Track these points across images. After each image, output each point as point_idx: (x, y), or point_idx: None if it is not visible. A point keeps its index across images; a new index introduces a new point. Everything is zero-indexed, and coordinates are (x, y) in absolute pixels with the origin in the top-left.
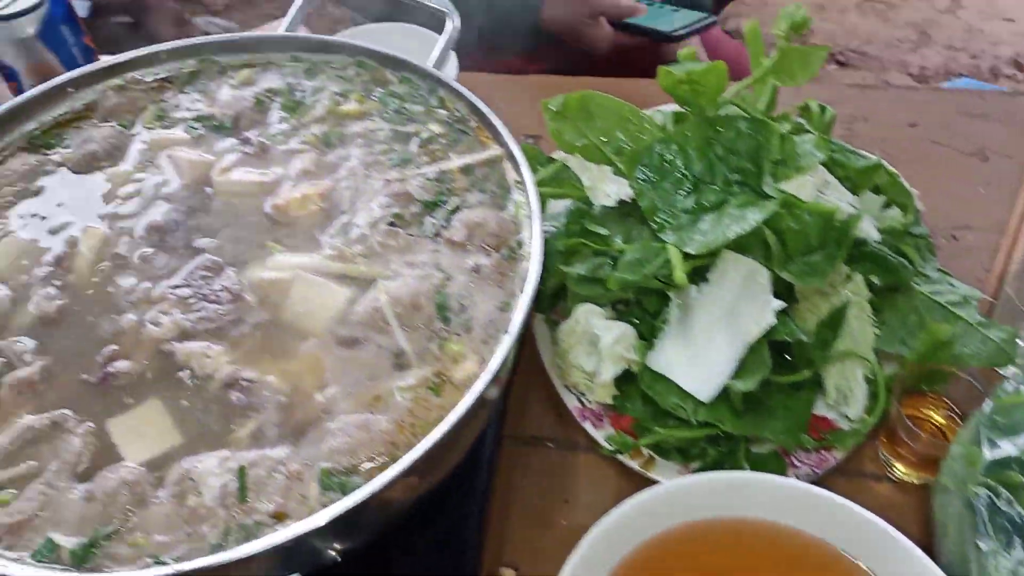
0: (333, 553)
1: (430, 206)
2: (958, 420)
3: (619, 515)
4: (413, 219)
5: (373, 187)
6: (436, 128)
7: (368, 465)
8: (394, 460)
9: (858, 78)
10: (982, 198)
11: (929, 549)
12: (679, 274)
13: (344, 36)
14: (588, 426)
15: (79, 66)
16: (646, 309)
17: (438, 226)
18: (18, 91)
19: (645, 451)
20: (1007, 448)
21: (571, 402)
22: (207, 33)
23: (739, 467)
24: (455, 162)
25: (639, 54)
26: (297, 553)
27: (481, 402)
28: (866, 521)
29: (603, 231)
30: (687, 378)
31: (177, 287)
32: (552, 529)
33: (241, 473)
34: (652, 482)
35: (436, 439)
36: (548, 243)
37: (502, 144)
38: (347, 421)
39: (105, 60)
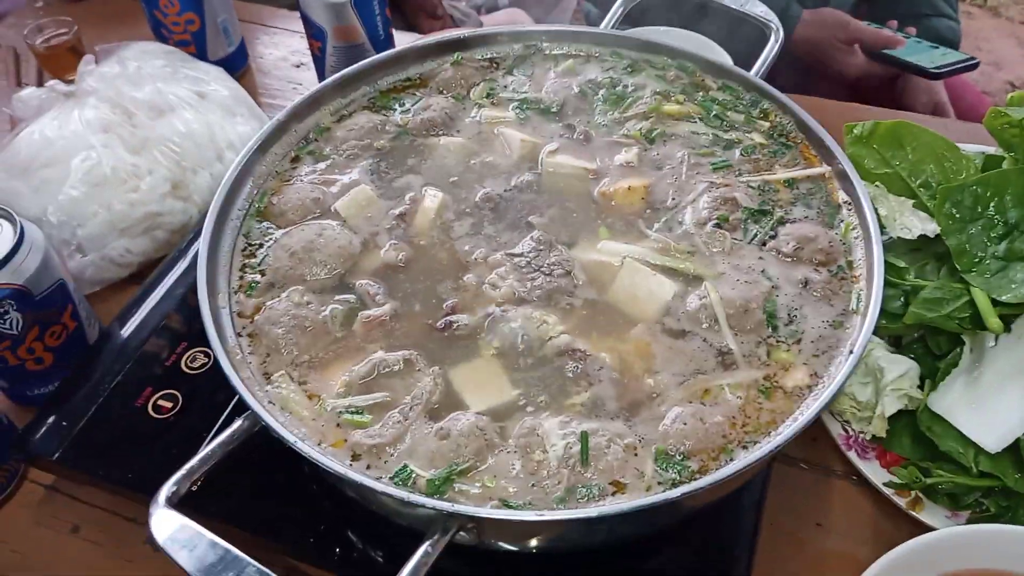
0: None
1: (756, 214)
2: None
3: (901, 554)
4: (738, 224)
5: (696, 188)
6: (758, 138)
7: (701, 454)
8: (727, 454)
9: None
10: None
11: None
12: (995, 320)
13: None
14: (853, 455)
15: (380, 36)
16: (930, 348)
17: (764, 235)
18: (322, 51)
19: (913, 491)
20: None
21: (835, 429)
22: (452, 17)
23: (1020, 524)
24: (780, 174)
25: (880, 84)
26: (618, 527)
27: (818, 415)
28: None
29: (900, 263)
30: (971, 425)
31: (513, 255)
32: (804, 551)
33: (584, 438)
34: (915, 522)
35: (780, 442)
36: None
37: (831, 162)
38: (682, 409)
39: (443, 34)
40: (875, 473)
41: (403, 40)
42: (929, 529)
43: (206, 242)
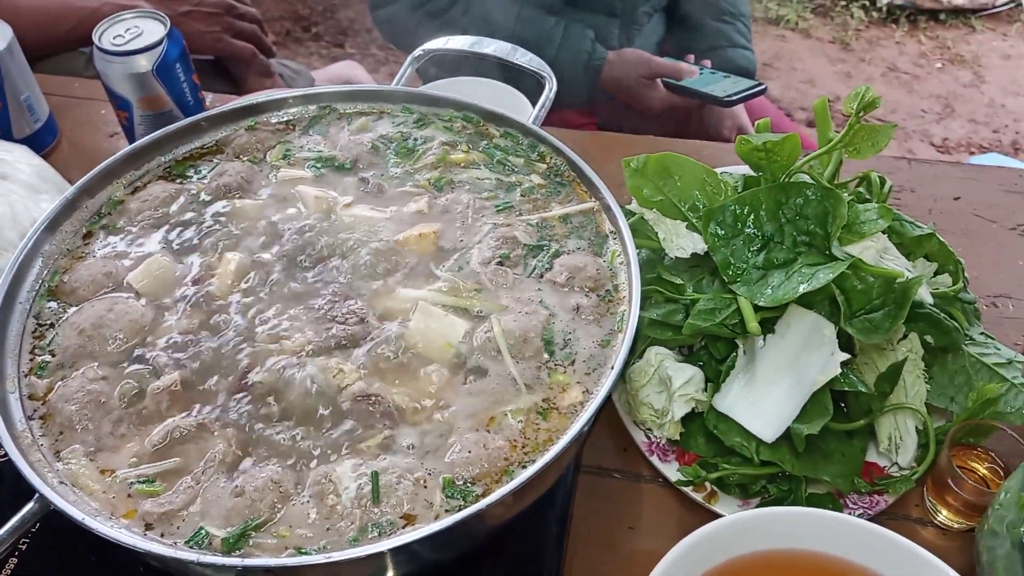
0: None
1: (534, 249)
2: (1000, 472)
3: (692, 542)
4: (519, 260)
5: (482, 230)
6: (537, 179)
7: (485, 479)
8: (508, 475)
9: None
10: (1021, 269)
11: None
12: (753, 324)
13: (427, 88)
14: (655, 460)
15: (188, 101)
16: (712, 354)
17: (542, 268)
18: (129, 120)
19: (708, 485)
20: None
21: (639, 437)
22: (281, 75)
23: (798, 506)
24: (556, 211)
25: (685, 114)
26: (416, 555)
27: (587, 427)
28: (923, 559)
29: (678, 280)
30: (751, 419)
31: (309, 309)
32: (616, 554)
33: (374, 477)
34: (714, 514)
35: (552, 456)
36: None
37: (599, 197)
38: (467, 438)
39: (239, 101)
40: (674, 473)
41: (225, 102)
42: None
43: None
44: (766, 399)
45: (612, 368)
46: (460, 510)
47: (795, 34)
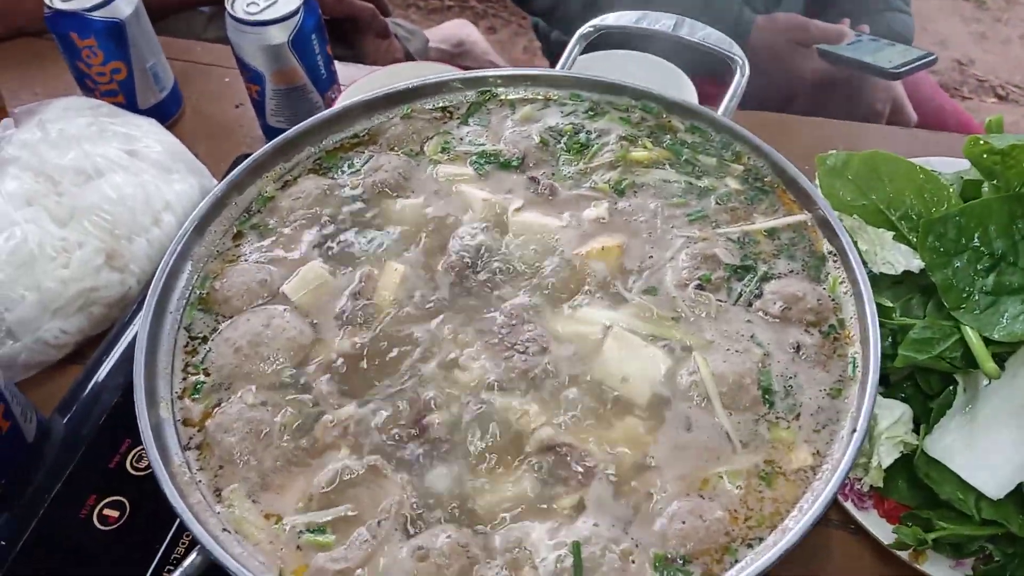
0: None
1: (739, 271)
2: None
3: None
4: (721, 283)
5: (673, 244)
6: (733, 184)
7: (703, 556)
8: (730, 554)
9: (1019, 114)
10: None
11: None
12: (991, 365)
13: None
14: (850, 506)
15: (321, 74)
16: (921, 389)
17: (749, 294)
18: (260, 95)
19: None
20: None
21: None
22: (396, 36)
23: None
24: (759, 224)
25: (838, 87)
26: None
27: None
28: None
29: (886, 303)
30: (972, 470)
31: (483, 332)
32: None
33: (576, 549)
34: (920, 574)
35: (791, 541)
36: None
37: (811, 209)
38: (680, 505)
39: (395, 86)
40: (874, 524)
41: (346, 73)
42: None
43: (143, 346)
44: (991, 447)
45: (855, 432)
46: None
47: None
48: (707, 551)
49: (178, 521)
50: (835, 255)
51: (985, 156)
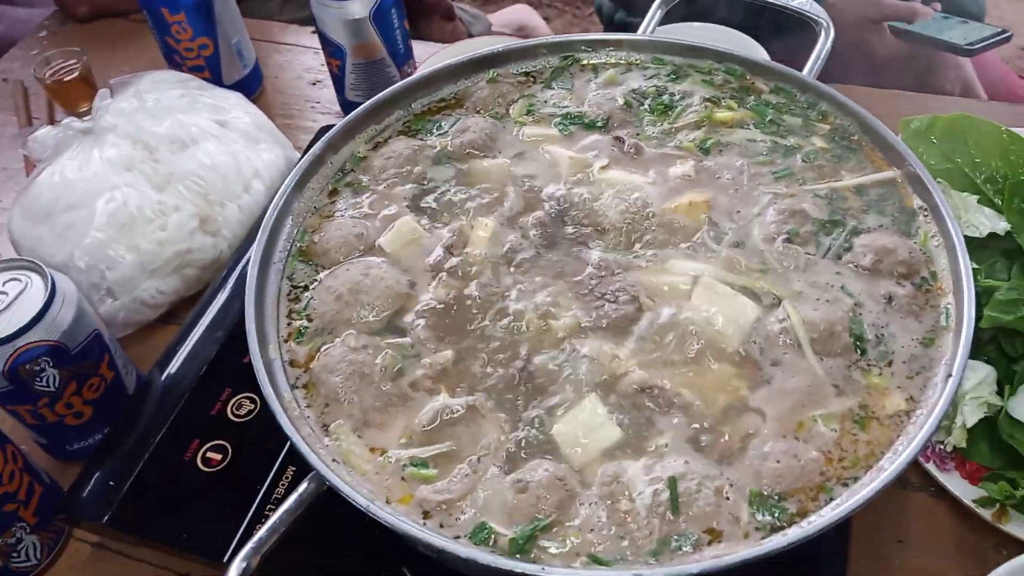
0: None
1: (827, 225)
2: None
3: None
4: (809, 237)
5: (760, 200)
6: (819, 143)
7: (799, 494)
8: (825, 492)
9: None
10: None
11: None
12: None
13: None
14: (932, 467)
15: (400, 49)
16: (1005, 351)
17: (839, 248)
18: (341, 69)
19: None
20: None
21: None
22: (461, 19)
23: None
24: (847, 181)
25: (911, 64)
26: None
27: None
28: None
29: (973, 264)
30: None
31: (574, 283)
32: (885, 570)
33: (672, 484)
34: (1002, 534)
35: (889, 478)
36: None
37: (901, 166)
38: (774, 446)
39: (480, 51)
40: (957, 486)
41: (419, 50)
42: (1012, 539)
43: (252, 291)
44: None
45: (951, 376)
46: (772, 529)
47: None
48: (802, 489)
49: (278, 461)
50: (925, 210)
51: None
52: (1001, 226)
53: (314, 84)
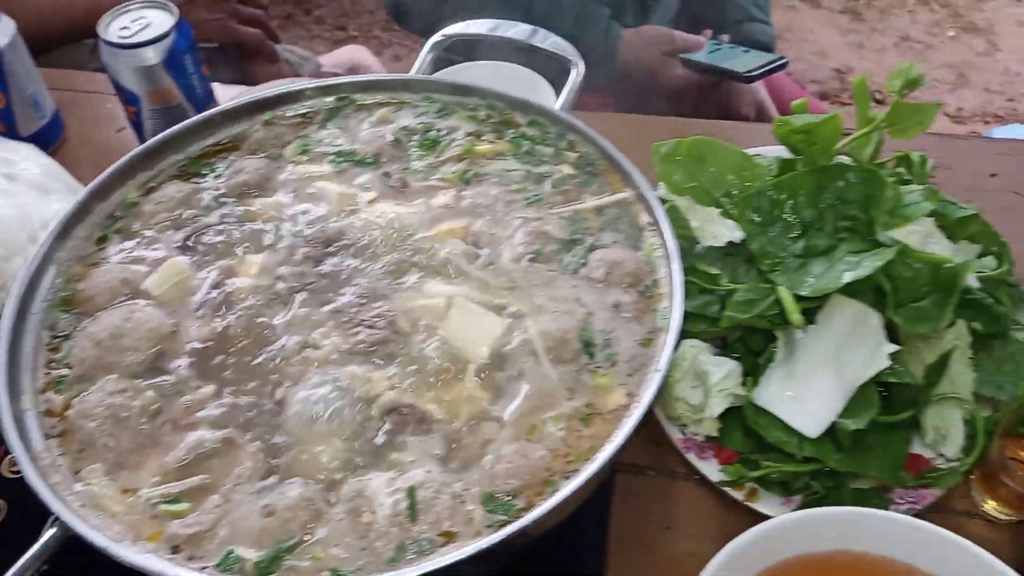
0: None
1: (568, 244)
2: None
3: (738, 545)
4: (552, 256)
5: (512, 224)
6: (567, 170)
7: (527, 491)
8: (551, 486)
9: None
10: None
11: None
12: (796, 316)
13: (442, 74)
14: (692, 457)
15: (198, 93)
16: (749, 347)
17: (577, 263)
18: (137, 115)
19: (748, 483)
20: None
21: (675, 434)
22: (288, 61)
23: (843, 503)
24: (588, 203)
25: (704, 92)
26: (456, 574)
27: (634, 432)
28: (975, 556)
29: (713, 270)
30: (792, 414)
31: (335, 312)
32: (654, 555)
33: (411, 493)
34: (754, 512)
35: (597, 467)
36: None
37: (633, 187)
38: (508, 449)
39: (253, 95)
40: (714, 472)
41: (231, 93)
42: (765, 517)
43: (5, 342)
44: (808, 393)
45: (658, 371)
46: (502, 525)
47: (805, 4)
48: (531, 486)
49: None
50: (652, 225)
51: (791, 135)
52: (738, 235)
53: (119, 131)
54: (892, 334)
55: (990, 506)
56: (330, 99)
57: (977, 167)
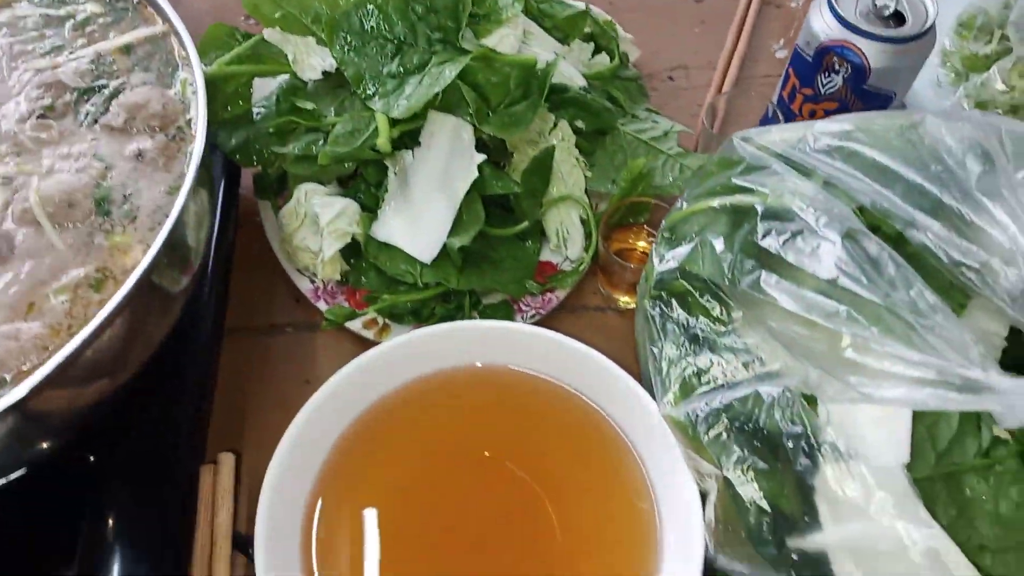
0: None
1: (87, 93)
2: None
3: (340, 378)
4: (67, 109)
5: (21, 80)
6: (93, 8)
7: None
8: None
9: None
10: (696, 37)
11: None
12: (383, 140)
13: None
14: (322, 305)
15: None
16: (367, 181)
17: (96, 113)
18: None
19: (380, 319)
20: (672, 260)
21: (304, 285)
22: None
23: (467, 319)
24: (113, 42)
25: None
26: None
27: (149, 289)
28: (578, 351)
29: (310, 106)
30: (410, 243)
31: None
32: (290, 411)
33: None
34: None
35: (83, 338)
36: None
37: (165, 19)
38: None
39: None
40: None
41: None
42: None
43: None
44: (422, 218)
45: (168, 216)
46: None
47: None
48: (27, 372)
49: None
50: (186, 59)
51: None
52: (330, 63)
53: None
54: (504, 145)
55: (618, 298)
56: None
57: None
